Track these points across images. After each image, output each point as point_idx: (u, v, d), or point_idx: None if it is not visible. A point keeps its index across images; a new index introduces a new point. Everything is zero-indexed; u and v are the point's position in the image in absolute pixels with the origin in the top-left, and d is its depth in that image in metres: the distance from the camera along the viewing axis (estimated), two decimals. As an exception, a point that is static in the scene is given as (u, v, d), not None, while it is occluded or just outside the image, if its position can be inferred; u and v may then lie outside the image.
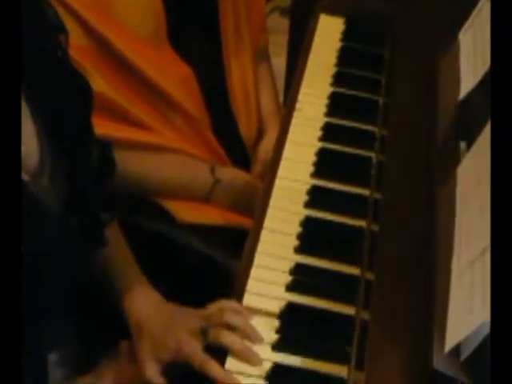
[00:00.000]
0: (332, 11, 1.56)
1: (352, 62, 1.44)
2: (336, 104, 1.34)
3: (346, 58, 1.45)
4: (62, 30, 0.99)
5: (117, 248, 1.13)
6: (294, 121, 1.31)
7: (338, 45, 1.48)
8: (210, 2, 1.41)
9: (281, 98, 1.85)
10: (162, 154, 1.34)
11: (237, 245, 1.18)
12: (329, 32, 1.52)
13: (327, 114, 1.32)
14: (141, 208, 1.34)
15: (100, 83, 1.26)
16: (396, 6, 1.50)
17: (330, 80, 1.39)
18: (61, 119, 0.96)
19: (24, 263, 0.79)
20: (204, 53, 1.41)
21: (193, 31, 1.39)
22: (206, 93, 1.38)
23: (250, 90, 1.48)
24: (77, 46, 1.23)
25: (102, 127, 1.24)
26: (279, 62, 1.97)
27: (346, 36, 1.50)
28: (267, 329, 1.01)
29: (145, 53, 1.30)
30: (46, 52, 0.95)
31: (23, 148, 0.87)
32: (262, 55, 1.58)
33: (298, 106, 1.34)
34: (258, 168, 1.46)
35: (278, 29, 2.29)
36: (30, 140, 0.91)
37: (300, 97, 1.35)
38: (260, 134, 1.50)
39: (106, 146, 1.10)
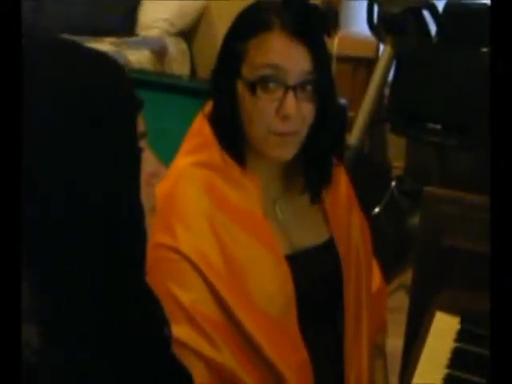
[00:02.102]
0: (448, 306, 1.60)
1: (464, 366, 1.44)
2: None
3: (458, 360, 1.46)
4: (165, 321, 1.05)
5: None
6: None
7: (451, 345, 1.50)
8: (336, 294, 1.46)
9: (395, 380, 1.84)
10: None
11: None
12: (443, 331, 1.54)
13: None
14: None
15: (227, 356, 1.30)
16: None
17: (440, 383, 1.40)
18: None
19: None
20: (324, 341, 1.45)
21: (317, 319, 1.44)
22: (318, 380, 1.39)
23: (364, 381, 1.49)
24: (209, 318, 1.30)
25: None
26: (397, 343, 1.97)
27: (461, 338, 1.52)
28: None
29: (270, 332, 1.33)
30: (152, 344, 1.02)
31: None
32: (378, 351, 1.61)
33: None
34: None
35: (400, 308, 2.31)
36: None
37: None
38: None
39: None
